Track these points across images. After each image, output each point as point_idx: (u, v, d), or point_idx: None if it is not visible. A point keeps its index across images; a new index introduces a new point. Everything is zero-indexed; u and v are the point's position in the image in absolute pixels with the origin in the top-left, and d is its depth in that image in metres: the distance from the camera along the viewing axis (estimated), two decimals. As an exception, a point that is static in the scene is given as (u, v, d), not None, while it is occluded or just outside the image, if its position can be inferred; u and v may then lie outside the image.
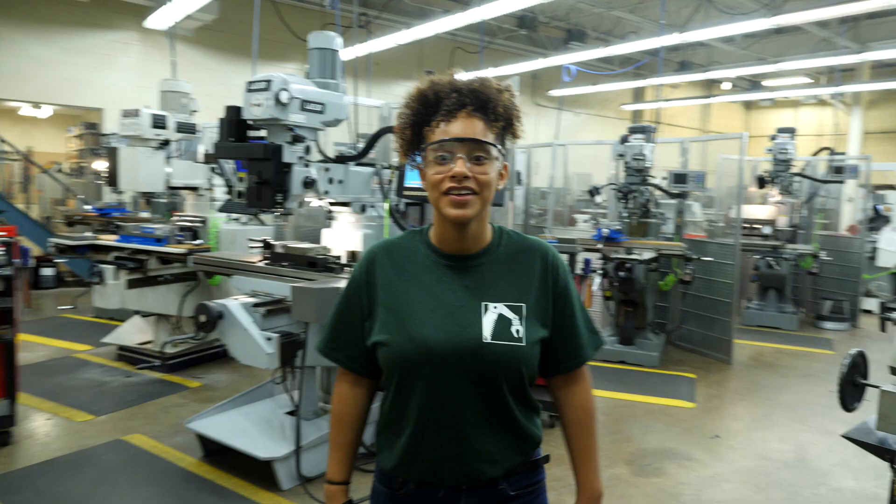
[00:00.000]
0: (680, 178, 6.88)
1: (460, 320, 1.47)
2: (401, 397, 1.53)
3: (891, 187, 10.52)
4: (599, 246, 6.36)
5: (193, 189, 6.22)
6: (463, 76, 1.50)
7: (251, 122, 3.85)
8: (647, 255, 6.21)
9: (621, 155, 6.84)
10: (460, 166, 1.42)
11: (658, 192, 7.10)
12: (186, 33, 10.92)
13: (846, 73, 15.28)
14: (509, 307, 1.50)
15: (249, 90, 3.72)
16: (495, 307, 1.49)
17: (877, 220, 9.91)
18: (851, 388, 2.81)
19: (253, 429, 4.05)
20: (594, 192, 6.88)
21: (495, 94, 1.47)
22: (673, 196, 7.08)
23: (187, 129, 6.00)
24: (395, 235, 1.68)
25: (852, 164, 9.00)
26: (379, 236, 4.46)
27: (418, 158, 1.51)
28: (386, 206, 4.19)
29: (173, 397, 5.23)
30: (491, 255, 1.55)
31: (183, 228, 5.82)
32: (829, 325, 8.63)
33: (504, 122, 1.49)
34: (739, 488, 3.99)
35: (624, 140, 6.83)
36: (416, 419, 1.50)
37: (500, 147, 1.48)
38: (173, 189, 6.20)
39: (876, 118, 18.25)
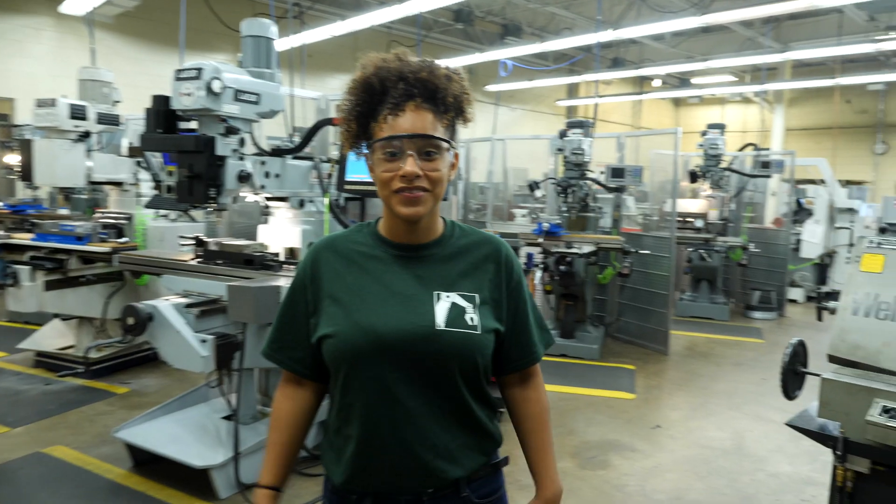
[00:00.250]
0: (617, 172, 6.94)
1: (412, 309, 1.38)
2: (348, 397, 1.41)
3: (812, 182, 10.93)
4: (540, 240, 6.36)
5: (117, 184, 5.89)
6: (410, 59, 1.40)
7: (180, 113, 3.65)
8: (587, 248, 6.23)
9: (560, 149, 6.85)
10: (410, 165, 1.33)
11: (596, 187, 7.15)
12: (106, 20, 10.40)
13: (769, 72, 15.85)
14: (462, 296, 1.42)
15: (178, 79, 3.51)
16: (448, 296, 1.41)
17: (800, 213, 10.28)
18: (793, 377, 2.84)
19: (187, 436, 3.84)
20: (534, 186, 6.88)
21: (444, 82, 1.37)
22: (611, 190, 7.14)
23: (109, 120, 5.68)
24: (340, 231, 1.58)
25: (778, 159, 9.31)
26: (319, 232, 4.31)
27: (365, 149, 1.42)
28: (326, 200, 4.04)
29: (98, 405, 4.93)
30: (442, 246, 1.47)
31: (106, 226, 5.50)
32: (757, 314, 8.91)
33: (455, 112, 1.41)
34: (682, 477, 4.03)
35: (563, 135, 6.85)
36: (366, 419, 1.39)
37: (450, 141, 1.40)
38: (95, 184, 5.86)
39: (797, 116, 19.03)
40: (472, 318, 1.40)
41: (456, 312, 1.39)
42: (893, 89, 17.80)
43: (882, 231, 8.32)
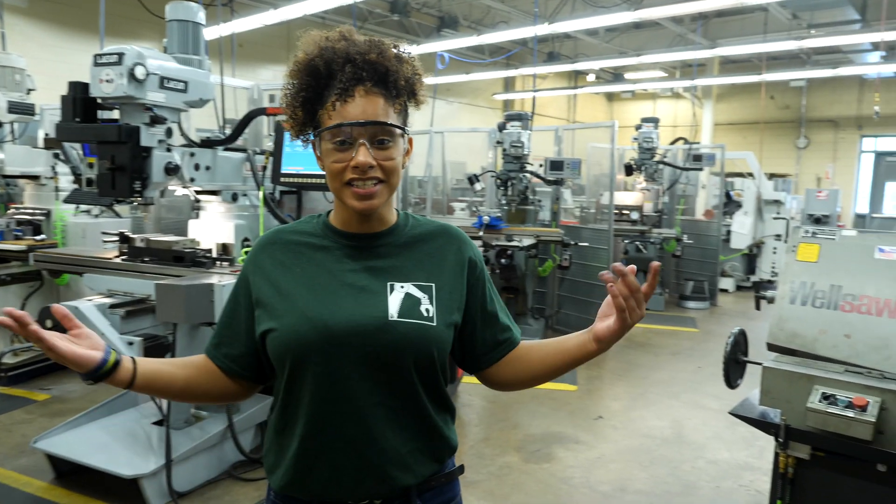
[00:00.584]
0: (556, 165, 6.96)
1: (363, 300, 1.29)
2: (293, 395, 1.31)
3: (740, 175, 11.27)
4: (481, 233, 6.33)
5: (33, 178, 5.54)
6: (356, 38, 1.30)
7: (101, 101, 3.44)
8: (527, 241, 6.23)
9: (500, 142, 6.82)
10: (363, 155, 1.24)
11: (535, 180, 7.16)
12: (19, 3, 9.82)
13: (698, 68, 16.27)
14: (417, 286, 1.33)
15: (98, 64, 3.30)
16: (402, 286, 1.32)
17: (729, 205, 10.60)
18: (735, 366, 2.86)
19: (114, 444, 3.63)
20: (473, 180, 6.83)
21: (395, 64, 1.28)
22: (549, 183, 7.17)
23: (23, 109, 5.34)
24: (287, 224, 1.48)
25: (709, 152, 9.54)
26: (253, 227, 4.14)
27: (312, 136, 1.32)
28: (260, 194, 3.88)
29: (16, 413, 4.63)
30: (397, 235, 1.38)
31: (21, 222, 5.18)
32: (691, 304, 9.12)
33: (407, 95, 1.33)
34: (625, 467, 4.05)
35: (501, 128, 6.82)
36: (311, 415, 1.29)
37: (404, 128, 1.31)
38: (8, 178, 5.51)
39: (724, 111, 19.62)
40: (427, 310, 1.31)
41: (410, 303, 1.31)
42: (814, 86, 18.56)
43: (817, 221, 8.64)
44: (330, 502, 1.33)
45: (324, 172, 1.32)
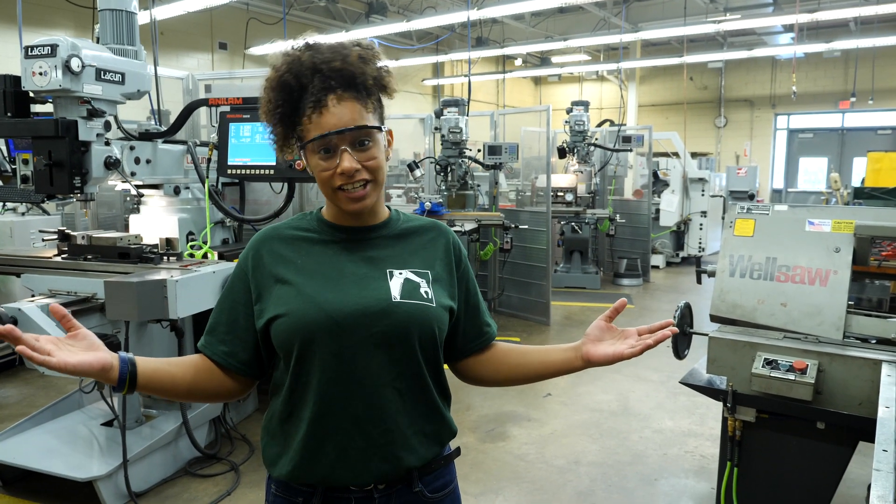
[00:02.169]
0: (494, 150, 7.07)
1: (366, 286, 1.35)
2: (300, 379, 1.34)
3: (665, 155, 11.67)
4: (422, 219, 6.36)
5: (-46, 176, 5.27)
6: (320, 44, 1.34)
7: (34, 95, 3.31)
8: (469, 226, 6.32)
9: (437, 128, 6.87)
10: (348, 161, 1.29)
11: (473, 165, 7.25)
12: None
13: (623, 52, 16.68)
14: (415, 272, 1.40)
15: (30, 56, 3.17)
16: (401, 273, 1.39)
17: (657, 185, 10.97)
18: (682, 338, 3.01)
19: (63, 447, 3.53)
20: (413, 166, 6.85)
21: (360, 66, 1.32)
22: (488, 168, 7.27)
23: (-59, 104, 5.04)
24: (281, 222, 1.50)
25: (638, 133, 9.84)
26: (197, 220, 4.08)
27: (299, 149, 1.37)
28: (206, 186, 3.81)
29: (-50, 422, 4.43)
30: (390, 229, 1.45)
31: (-55, 223, 4.92)
32: (625, 281, 9.44)
33: (378, 91, 1.37)
34: (577, 441, 4.20)
35: (439, 114, 6.87)
36: (320, 399, 1.32)
37: (380, 125, 1.36)
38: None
39: (646, 92, 20.21)
40: (426, 293, 1.38)
41: (411, 286, 1.37)
42: (731, 67, 19.31)
43: (751, 198, 9.02)
44: (335, 487, 1.36)
45: (273, 164, 1.36)
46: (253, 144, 3.70)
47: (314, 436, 1.34)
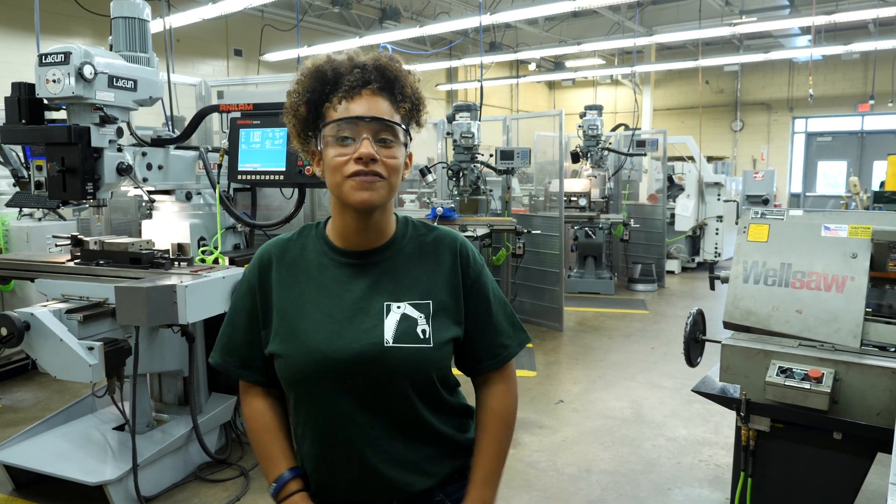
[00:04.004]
0: (507, 154, 7.04)
1: (360, 324, 1.32)
2: (301, 416, 1.37)
3: (680, 159, 11.59)
4: (435, 225, 6.34)
5: (-29, 182, 5.33)
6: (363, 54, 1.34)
7: (47, 102, 3.33)
8: (481, 231, 6.29)
9: (449, 133, 6.86)
10: (367, 147, 1.25)
11: (485, 170, 7.22)
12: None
13: (637, 55, 16.60)
14: (414, 305, 1.34)
15: (44, 64, 3.20)
16: (399, 307, 1.33)
17: (672, 189, 10.88)
18: (695, 345, 2.98)
19: (75, 451, 3.55)
20: (425, 171, 6.83)
21: (403, 73, 1.32)
22: (500, 173, 7.24)
23: (-44, 111, 5.10)
24: (287, 232, 1.49)
25: (652, 138, 9.77)
26: (209, 226, 4.08)
27: (313, 137, 1.34)
28: (217, 192, 3.82)
29: (-35, 426, 4.47)
30: (396, 249, 1.39)
31: (-39, 228, 4.97)
32: (640, 286, 9.36)
33: (411, 105, 1.34)
34: (589, 449, 4.16)
35: (451, 119, 6.85)
36: (321, 438, 1.35)
37: (408, 130, 1.33)
38: (-55, 183, 5.28)
39: (662, 96, 20.10)
40: (424, 331, 1.33)
41: (406, 325, 1.32)
42: (747, 70, 19.15)
43: (766, 203, 8.94)
44: (355, 502, 1.39)
45: (283, 170, 1.36)
46: (263, 150, 3.70)
47: (322, 471, 1.38)
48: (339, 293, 1.34)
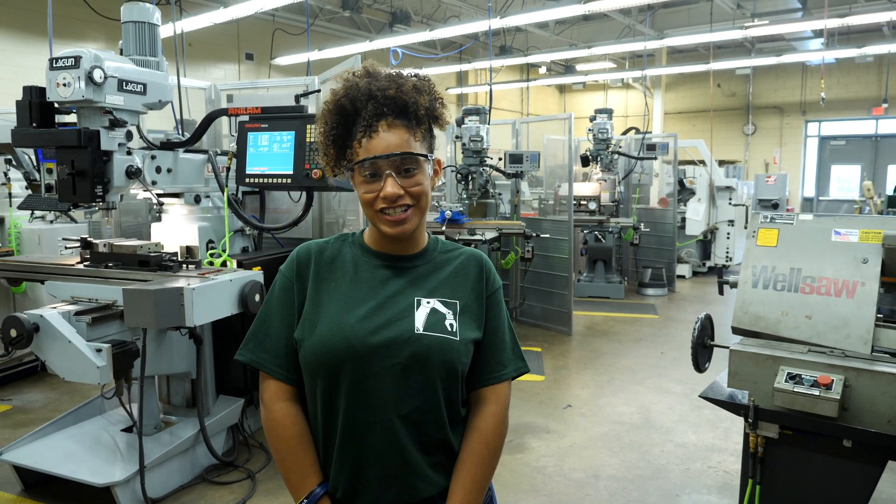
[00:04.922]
0: (516, 158, 7.04)
1: (392, 313, 1.38)
2: (325, 405, 1.38)
3: (691, 162, 11.53)
4: (443, 228, 6.34)
5: (-16, 185, 5.37)
6: (378, 72, 1.39)
7: (58, 105, 3.36)
8: (490, 234, 6.29)
9: (458, 137, 6.86)
10: (391, 186, 1.33)
11: (495, 173, 7.22)
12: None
13: (647, 59, 16.56)
14: (443, 303, 1.42)
15: (54, 68, 3.22)
16: (428, 302, 1.41)
17: (683, 193, 10.84)
18: (703, 350, 2.95)
19: (83, 452, 3.56)
20: (434, 174, 6.84)
21: (414, 96, 1.36)
22: (509, 176, 7.23)
23: (-31, 114, 5.16)
24: (321, 239, 1.55)
25: (663, 141, 9.73)
26: (217, 229, 4.10)
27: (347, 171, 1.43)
28: (225, 195, 3.83)
29: (-24, 427, 4.50)
30: (427, 258, 1.48)
31: (-26, 231, 5.01)
32: (650, 291, 9.31)
33: (428, 121, 1.41)
34: (597, 454, 4.14)
35: (460, 122, 6.85)
36: (346, 426, 1.36)
37: (427, 154, 1.39)
38: (-42, 185, 5.32)
39: (673, 100, 20.03)
40: (451, 325, 1.39)
41: (436, 318, 1.39)
42: (760, 73, 19.05)
43: (775, 207, 8.88)
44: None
45: (290, 173, 1.40)
46: (271, 154, 3.71)
47: (336, 465, 1.40)
48: (372, 287, 1.41)
